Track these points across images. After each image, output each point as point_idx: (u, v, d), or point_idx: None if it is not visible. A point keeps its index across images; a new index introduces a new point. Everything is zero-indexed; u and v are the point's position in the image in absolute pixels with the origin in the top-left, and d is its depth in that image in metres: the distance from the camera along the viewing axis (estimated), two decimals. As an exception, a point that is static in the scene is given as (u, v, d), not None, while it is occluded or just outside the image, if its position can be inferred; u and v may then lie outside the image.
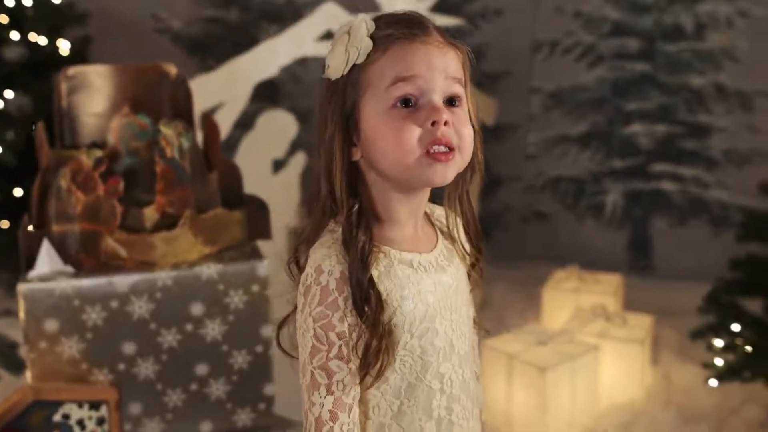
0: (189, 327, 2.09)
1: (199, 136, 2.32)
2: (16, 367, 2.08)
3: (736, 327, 2.50)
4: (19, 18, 3.74)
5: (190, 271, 2.06)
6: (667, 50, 3.85)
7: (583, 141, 4.08)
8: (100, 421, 1.98)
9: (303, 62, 4.33)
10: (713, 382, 2.48)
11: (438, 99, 1.04)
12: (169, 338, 2.08)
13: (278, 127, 3.45)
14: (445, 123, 1.03)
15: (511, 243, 4.23)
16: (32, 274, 1.98)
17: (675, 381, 2.90)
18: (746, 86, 3.73)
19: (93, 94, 2.20)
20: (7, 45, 3.55)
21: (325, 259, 1.06)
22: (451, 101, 1.06)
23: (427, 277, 1.10)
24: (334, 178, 1.08)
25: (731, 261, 2.50)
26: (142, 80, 2.24)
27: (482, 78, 4.11)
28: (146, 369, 2.09)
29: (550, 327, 3.09)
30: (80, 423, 1.94)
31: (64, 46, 3.90)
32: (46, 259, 1.97)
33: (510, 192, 4.28)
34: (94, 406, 1.97)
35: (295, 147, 3.54)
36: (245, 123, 3.45)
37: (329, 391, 1.03)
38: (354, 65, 1.05)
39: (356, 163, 1.10)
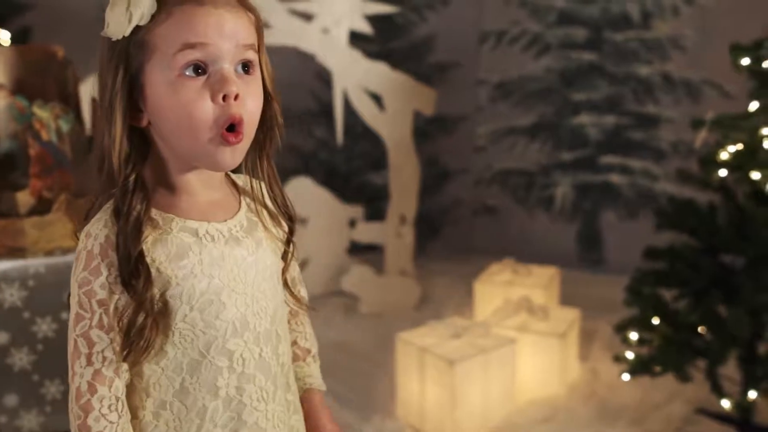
0: (65, 315, 2.02)
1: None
2: None
3: (655, 320, 2.42)
4: (-45, 7, 3.70)
5: (65, 258, 2.00)
6: (614, 39, 3.77)
7: (532, 132, 4.01)
8: (-31, 413, 1.91)
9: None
10: (626, 377, 2.40)
11: (229, 67, 0.97)
12: (44, 327, 2.01)
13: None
14: (236, 97, 0.96)
15: (460, 237, 4.16)
16: None
17: (602, 376, 2.83)
18: (693, 76, 3.65)
19: (-25, 76, 2.13)
20: (-63, 34, 3.51)
21: (95, 223, 1.00)
22: (244, 67, 0.99)
23: (215, 248, 1.03)
24: (111, 144, 1.00)
25: (647, 250, 2.42)
26: (28, 62, 2.17)
27: (429, 69, 4.04)
28: (21, 359, 2.02)
29: (479, 320, 3.02)
30: (-57, 414, 1.88)
31: (3, 36, 3.85)
32: None
33: (459, 185, 4.21)
34: (-39, 396, 1.90)
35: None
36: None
37: (89, 362, 0.98)
38: (138, 26, 0.97)
39: (143, 129, 1.03)
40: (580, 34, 3.81)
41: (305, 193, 3.64)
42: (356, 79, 3.40)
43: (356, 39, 3.52)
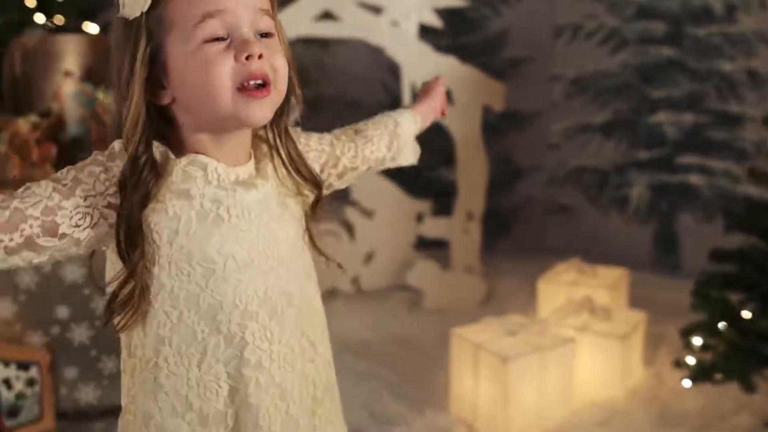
0: (122, 294, 2.09)
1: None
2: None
3: (721, 325, 2.31)
4: (48, 2, 3.88)
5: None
6: (695, 34, 3.62)
7: (607, 130, 3.89)
8: (30, 382, 2.00)
9: (326, 48, 4.33)
10: (686, 383, 2.30)
11: (249, 32, 0.99)
12: (102, 304, 2.09)
13: (280, 108, 3.43)
14: (260, 56, 0.98)
15: (531, 236, 4.08)
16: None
17: (666, 382, 2.72)
18: (781, 72, 3.47)
19: (48, 63, 2.24)
20: (30, 28, 3.69)
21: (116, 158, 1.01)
22: (262, 35, 1.01)
23: (221, 185, 1.03)
24: (125, 120, 1.02)
25: (713, 251, 2.31)
26: (96, 51, 2.26)
27: (502, 64, 3.98)
28: (80, 334, 2.10)
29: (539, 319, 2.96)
30: (6, 382, 1.97)
31: (91, 30, 4.02)
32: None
33: (531, 183, 4.13)
34: (23, 366, 1.99)
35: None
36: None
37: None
38: (154, 3, 0.99)
39: (165, 107, 1.05)
40: (659, 28, 3.67)
41: (372, 185, 3.65)
42: (425, 72, 3.38)
43: (428, 33, 3.51)
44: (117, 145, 1.02)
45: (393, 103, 4.12)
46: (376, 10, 3.31)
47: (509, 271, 3.89)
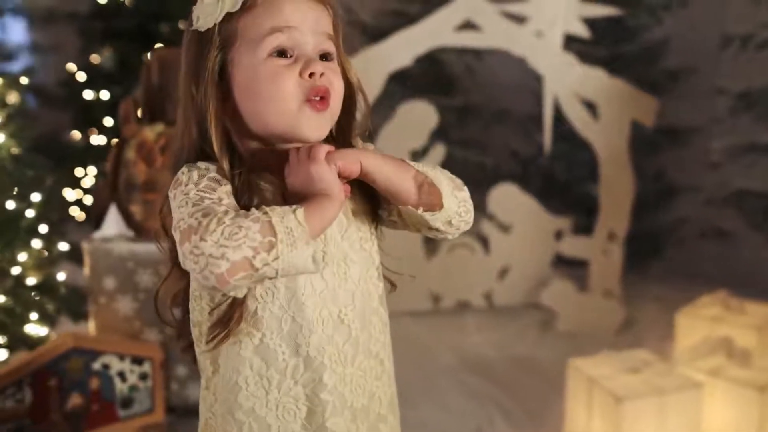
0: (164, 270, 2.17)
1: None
2: (78, 315, 2.31)
3: None
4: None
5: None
6: None
7: (777, 151, 3.52)
8: (143, 376, 2.13)
9: (478, 56, 4.26)
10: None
11: (312, 51, 1.03)
12: (146, 278, 2.17)
13: (418, 117, 3.42)
14: (321, 75, 1.02)
15: (684, 261, 3.80)
16: (97, 234, 2.18)
17: (814, 442, 2.41)
18: None
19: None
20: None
21: (193, 164, 1.02)
22: (323, 57, 1.05)
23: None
24: (209, 133, 1.03)
25: None
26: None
27: (660, 76, 3.72)
28: (124, 306, 2.19)
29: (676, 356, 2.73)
30: (121, 374, 2.10)
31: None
32: (112, 222, 2.17)
33: (687, 203, 3.84)
34: (137, 361, 2.11)
35: (434, 138, 3.50)
36: (386, 113, 3.47)
37: (220, 223, 0.90)
38: (226, 16, 1.03)
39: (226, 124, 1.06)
40: None
41: (510, 199, 3.55)
42: (569, 84, 3.23)
43: (580, 43, 3.35)
44: (201, 164, 1.02)
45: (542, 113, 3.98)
46: (520, 19, 3.20)
47: (653, 298, 3.64)
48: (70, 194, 4.04)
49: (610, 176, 3.31)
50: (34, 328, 2.25)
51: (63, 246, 2.34)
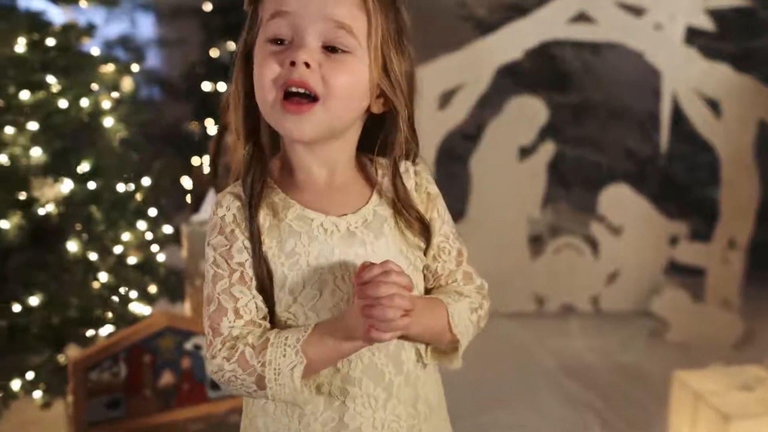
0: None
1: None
2: (176, 296, 2.37)
3: None
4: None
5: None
6: None
7: None
8: (234, 360, 2.16)
9: (596, 50, 4.10)
10: None
11: (312, 40, 0.95)
12: None
13: (527, 113, 3.32)
14: (307, 65, 0.94)
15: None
16: (196, 217, 2.23)
17: None
18: None
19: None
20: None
21: (226, 195, 1.04)
22: (329, 48, 0.96)
23: (326, 242, 1.00)
24: (231, 114, 1.04)
25: None
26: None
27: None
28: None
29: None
30: (212, 357, 2.14)
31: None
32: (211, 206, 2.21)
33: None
34: (228, 345, 2.15)
35: (544, 135, 3.39)
36: (495, 107, 3.39)
37: (237, 315, 0.98)
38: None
39: None
40: None
41: (622, 201, 3.39)
42: (689, 80, 3.04)
43: (705, 37, 3.15)
44: (225, 201, 1.03)
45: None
46: (637, 11, 3.04)
47: (780, 311, 3.37)
48: (187, 182, 4.21)
49: (733, 179, 3.09)
50: (138, 307, 2.34)
51: (167, 229, 2.43)
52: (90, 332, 2.17)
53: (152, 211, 2.44)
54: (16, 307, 2.06)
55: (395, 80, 1.00)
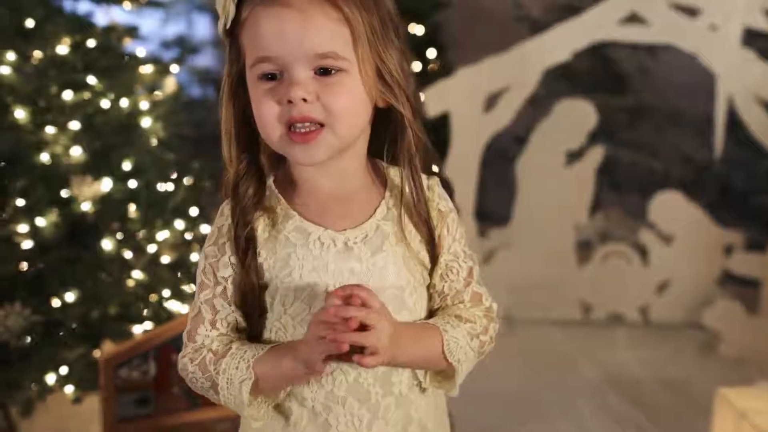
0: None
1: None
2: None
3: None
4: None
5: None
6: None
7: None
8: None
9: (652, 52, 3.98)
10: None
11: (302, 71, 0.94)
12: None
13: (576, 116, 3.24)
14: (305, 99, 0.94)
15: None
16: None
17: None
18: None
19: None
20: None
21: (229, 204, 1.04)
22: (322, 71, 0.95)
23: (321, 256, 0.99)
24: (222, 134, 1.03)
25: None
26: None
27: None
28: None
29: None
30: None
31: (417, 31, 4.19)
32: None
33: None
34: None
35: (596, 139, 3.30)
36: (543, 110, 3.32)
37: (213, 326, 1.02)
38: (233, 23, 0.98)
39: None
40: None
41: (673, 208, 3.28)
42: (746, 83, 2.92)
43: (765, 39, 3.02)
44: (226, 210, 1.04)
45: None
46: (691, 12, 2.93)
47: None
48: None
49: (792, 188, 2.96)
50: (175, 305, 2.36)
51: (205, 229, 2.44)
52: (127, 329, 2.20)
53: (193, 211, 2.46)
54: (54, 303, 2.10)
55: (392, 81, 0.98)
